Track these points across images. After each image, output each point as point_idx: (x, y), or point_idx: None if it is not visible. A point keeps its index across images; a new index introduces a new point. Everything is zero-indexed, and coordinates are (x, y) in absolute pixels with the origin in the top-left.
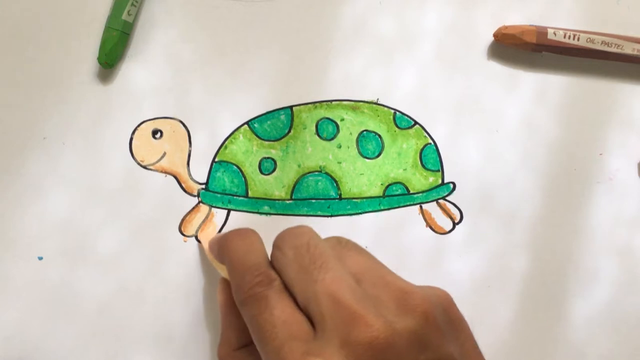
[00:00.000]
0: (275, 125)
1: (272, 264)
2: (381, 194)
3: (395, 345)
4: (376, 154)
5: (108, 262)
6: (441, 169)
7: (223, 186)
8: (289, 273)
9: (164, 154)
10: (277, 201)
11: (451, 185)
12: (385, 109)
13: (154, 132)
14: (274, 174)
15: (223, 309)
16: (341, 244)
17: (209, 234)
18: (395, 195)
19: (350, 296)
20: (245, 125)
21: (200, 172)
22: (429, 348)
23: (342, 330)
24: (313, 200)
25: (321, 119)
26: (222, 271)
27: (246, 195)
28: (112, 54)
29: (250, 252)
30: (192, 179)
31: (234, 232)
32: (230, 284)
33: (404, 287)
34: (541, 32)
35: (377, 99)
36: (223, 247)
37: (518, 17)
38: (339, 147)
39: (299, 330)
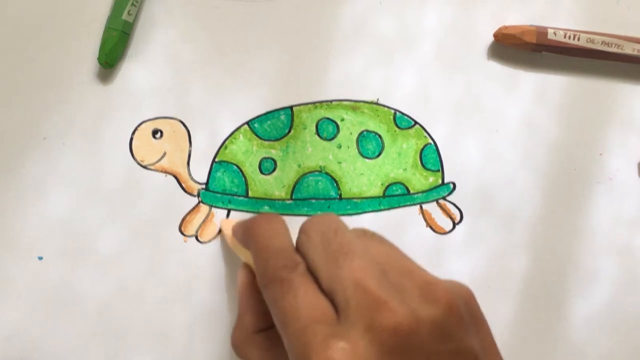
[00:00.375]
0: (275, 125)
1: (297, 248)
2: (381, 194)
3: (419, 333)
4: (376, 154)
5: (108, 262)
6: (441, 169)
7: (223, 186)
8: (315, 258)
9: (164, 154)
10: (277, 201)
11: (451, 185)
12: (385, 109)
13: (154, 132)
14: (274, 174)
15: (243, 293)
16: (366, 235)
17: (229, 222)
18: (395, 195)
19: (375, 283)
20: (245, 125)
21: (200, 172)
22: (452, 339)
23: (366, 315)
24: (313, 200)
25: (321, 119)
26: (244, 256)
27: (246, 195)
28: (112, 54)
29: (276, 237)
30: (192, 179)
31: (260, 216)
32: (251, 268)
33: (428, 278)
34: (541, 32)
35: (377, 99)
36: (248, 231)
37: (518, 17)
38: (339, 147)
39: (323, 314)
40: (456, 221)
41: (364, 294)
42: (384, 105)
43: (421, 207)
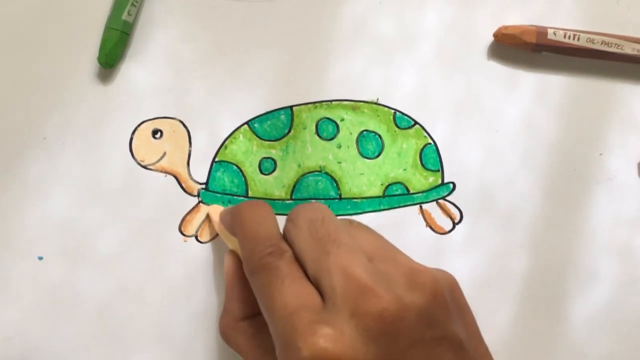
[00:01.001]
0: (275, 125)
1: (284, 237)
2: (381, 194)
3: (404, 319)
4: (376, 154)
5: (108, 262)
6: (441, 169)
7: (223, 186)
8: (302, 245)
9: (164, 154)
10: (277, 201)
11: (451, 185)
12: (385, 109)
13: (154, 132)
14: (274, 173)
15: (229, 280)
16: (353, 224)
17: (217, 208)
18: (395, 195)
19: (362, 270)
20: (245, 125)
21: (200, 172)
22: (436, 325)
23: (352, 301)
24: (313, 200)
25: (321, 119)
26: (230, 243)
27: (246, 195)
28: (112, 54)
29: (263, 224)
30: (192, 178)
31: (247, 203)
32: (238, 255)
33: (414, 266)
34: (541, 32)
35: (377, 99)
36: (235, 218)
37: (518, 17)
38: (339, 147)
39: (309, 301)
40: (456, 221)
41: (350, 281)
42: (384, 105)
43: (421, 207)
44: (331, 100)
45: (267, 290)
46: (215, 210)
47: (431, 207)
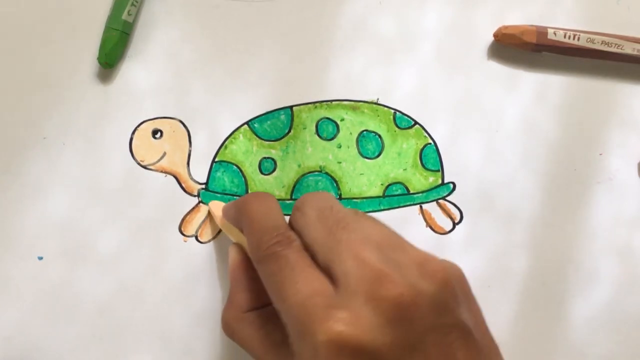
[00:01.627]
0: (275, 125)
1: (291, 226)
2: (381, 194)
3: (419, 305)
4: (376, 154)
5: (108, 262)
6: (441, 169)
7: (223, 186)
8: (311, 233)
9: (164, 154)
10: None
11: (451, 185)
12: (385, 109)
13: (154, 132)
14: (274, 174)
15: (234, 272)
16: (359, 214)
17: (219, 203)
18: (395, 195)
19: (375, 257)
20: (245, 125)
21: (200, 172)
22: (447, 313)
23: (367, 287)
24: None
25: (321, 119)
26: (234, 236)
27: None
28: (112, 54)
29: (269, 214)
30: (192, 178)
31: (253, 195)
32: (242, 247)
33: (424, 255)
34: (541, 32)
35: (377, 99)
36: (241, 209)
37: (518, 17)
38: (339, 147)
39: (321, 287)
40: (456, 221)
41: (364, 267)
42: (384, 105)
43: (421, 207)
44: (331, 100)
45: (278, 279)
46: (216, 206)
47: (431, 207)
